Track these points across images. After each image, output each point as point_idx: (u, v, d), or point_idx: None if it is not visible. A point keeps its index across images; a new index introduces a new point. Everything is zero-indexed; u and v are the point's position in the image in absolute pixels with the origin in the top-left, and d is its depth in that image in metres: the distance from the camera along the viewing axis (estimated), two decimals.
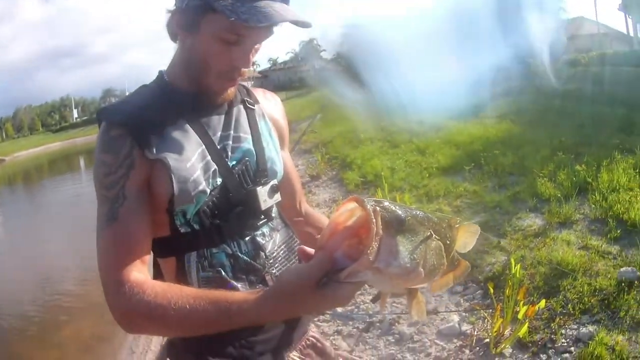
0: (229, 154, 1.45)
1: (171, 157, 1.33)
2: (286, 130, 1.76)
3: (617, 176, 5.94)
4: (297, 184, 1.80)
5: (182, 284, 1.29)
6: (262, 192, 1.49)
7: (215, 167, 1.40)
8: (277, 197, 1.55)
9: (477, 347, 3.67)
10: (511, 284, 3.57)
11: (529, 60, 11.12)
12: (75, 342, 5.87)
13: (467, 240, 1.28)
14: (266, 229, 1.52)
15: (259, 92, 1.69)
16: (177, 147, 1.36)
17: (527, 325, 3.44)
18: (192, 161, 1.36)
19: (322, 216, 1.92)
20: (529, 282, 4.11)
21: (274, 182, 1.54)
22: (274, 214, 1.56)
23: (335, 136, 13.97)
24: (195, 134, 1.40)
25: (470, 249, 1.29)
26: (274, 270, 1.50)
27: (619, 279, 3.88)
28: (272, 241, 1.53)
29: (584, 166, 6.43)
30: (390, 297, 1.25)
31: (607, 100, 11.01)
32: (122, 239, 1.29)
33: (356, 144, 12.03)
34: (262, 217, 1.51)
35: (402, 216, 1.03)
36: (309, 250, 1.10)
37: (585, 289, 3.88)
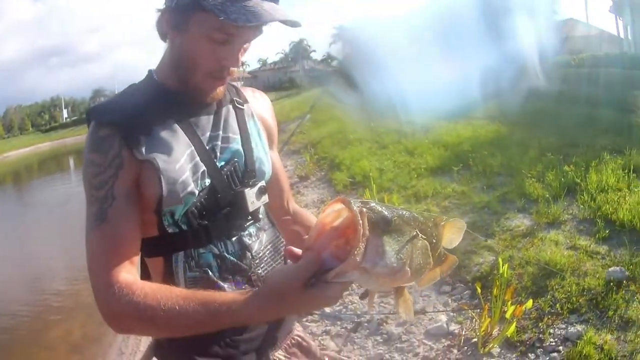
0: (218, 154, 1.45)
1: (160, 158, 1.33)
2: (275, 129, 1.76)
3: (606, 177, 5.96)
4: (285, 183, 1.80)
5: (169, 284, 1.30)
6: (250, 193, 1.50)
7: (204, 168, 1.40)
8: (265, 198, 1.56)
9: (465, 347, 3.68)
10: (499, 284, 3.57)
11: (519, 61, 11.15)
12: (64, 343, 5.85)
13: (453, 236, 1.30)
14: (253, 229, 1.53)
15: (248, 92, 1.69)
16: (166, 148, 1.35)
17: (514, 324, 3.44)
18: (181, 162, 1.36)
19: (310, 215, 1.92)
20: (517, 282, 4.13)
21: (262, 183, 1.55)
22: (261, 215, 1.56)
23: (324, 137, 13.93)
24: (184, 134, 1.40)
25: (456, 244, 1.30)
26: (260, 270, 1.51)
27: (608, 279, 3.90)
28: (258, 241, 1.53)
29: (573, 167, 6.46)
30: (378, 296, 1.27)
31: (597, 101, 11.05)
32: (111, 240, 1.28)
33: (345, 144, 12.00)
34: (250, 218, 1.52)
35: (388, 216, 1.04)
36: (297, 250, 1.11)
37: (573, 288, 3.89)
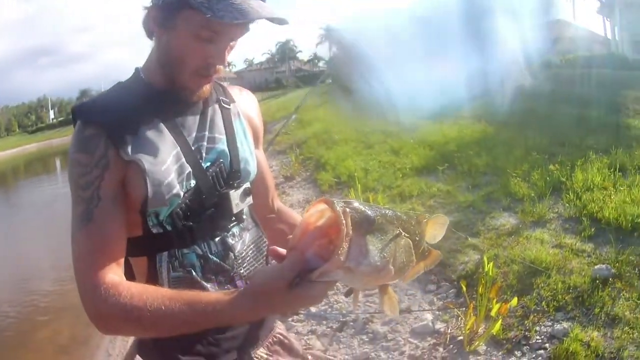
0: (204, 155, 1.45)
1: (146, 160, 1.32)
2: (261, 128, 1.76)
3: (592, 175, 6.03)
4: (270, 181, 1.80)
5: (153, 284, 1.30)
6: (235, 195, 1.50)
7: (189, 169, 1.40)
8: (249, 200, 1.57)
9: (451, 345, 3.70)
10: (484, 282, 3.59)
11: (506, 61, 11.19)
12: (52, 344, 5.81)
13: (436, 231, 1.30)
14: (236, 229, 1.53)
15: (234, 90, 1.69)
16: (152, 149, 1.35)
17: (500, 322, 3.46)
18: (167, 164, 1.36)
19: (295, 213, 1.91)
20: (503, 280, 4.15)
21: (247, 185, 1.55)
22: (244, 216, 1.56)
23: (309, 137, 13.91)
24: (170, 134, 1.39)
25: (439, 239, 1.31)
26: (242, 270, 1.51)
27: (594, 277, 3.94)
28: (241, 241, 1.53)
29: (558, 166, 6.51)
30: (363, 295, 1.28)
31: (584, 101, 11.12)
32: (97, 240, 1.28)
33: (330, 144, 12.00)
34: (234, 219, 1.52)
35: (371, 216, 1.05)
36: (281, 250, 1.12)
37: (559, 286, 3.93)
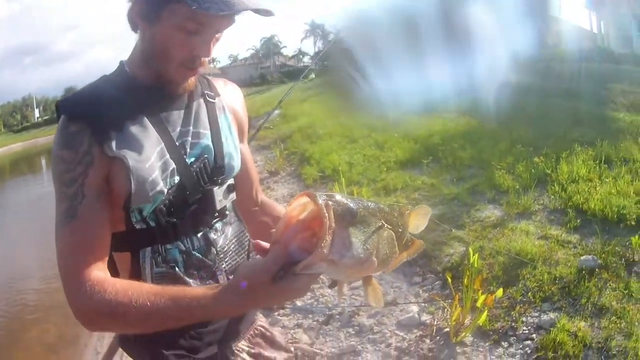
0: (188, 150, 1.45)
1: (130, 156, 1.32)
2: (246, 121, 1.76)
3: (577, 167, 6.07)
4: (254, 174, 1.80)
5: (136, 279, 1.31)
6: (219, 192, 1.51)
7: (173, 165, 1.39)
8: (233, 196, 1.57)
9: (438, 337, 3.71)
10: (469, 274, 3.60)
11: (492, 56, 11.24)
12: (40, 343, 5.78)
13: (418, 222, 1.32)
14: (219, 224, 1.54)
15: (219, 83, 1.68)
16: (137, 145, 1.34)
17: (486, 313, 3.49)
18: (151, 161, 1.35)
19: (278, 206, 1.91)
20: (488, 271, 4.18)
21: (231, 181, 1.56)
22: (227, 211, 1.57)
23: (294, 131, 13.89)
24: (154, 129, 1.39)
25: (422, 229, 1.33)
26: (224, 265, 1.52)
27: (580, 267, 3.98)
28: (223, 236, 1.54)
29: (543, 158, 6.54)
30: (349, 288, 1.29)
31: (569, 95, 11.19)
32: (81, 237, 1.27)
33: (315, 139, 11.98)
34: (217, 215, 1.52)
35: (354, 209, 1.06)
36: (265, 244, 1.12)
37: (545, 277, 3.95)
